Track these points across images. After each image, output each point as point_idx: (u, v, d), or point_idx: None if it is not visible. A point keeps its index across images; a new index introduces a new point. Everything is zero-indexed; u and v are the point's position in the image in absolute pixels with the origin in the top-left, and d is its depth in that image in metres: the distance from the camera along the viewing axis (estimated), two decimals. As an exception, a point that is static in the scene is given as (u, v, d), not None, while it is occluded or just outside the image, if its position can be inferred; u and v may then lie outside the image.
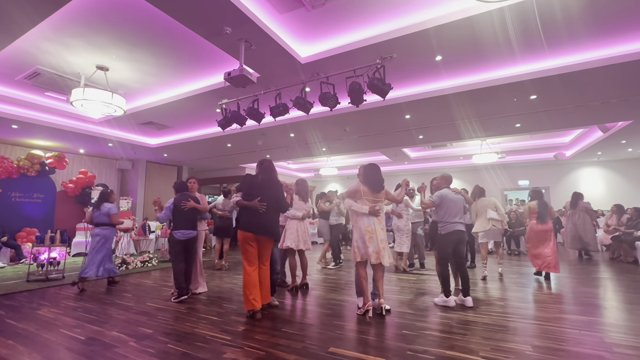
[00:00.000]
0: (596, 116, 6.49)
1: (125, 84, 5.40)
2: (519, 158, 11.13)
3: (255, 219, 3.31)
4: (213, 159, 10.54)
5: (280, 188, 3.54)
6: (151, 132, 7.91)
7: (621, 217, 7.48)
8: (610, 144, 8.76)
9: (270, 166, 3.56)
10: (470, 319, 3.18)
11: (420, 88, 5.33)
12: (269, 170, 3.54)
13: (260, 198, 3.32)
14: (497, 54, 4.28)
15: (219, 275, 5.49)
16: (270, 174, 3.53)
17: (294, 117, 6.23)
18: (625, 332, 2.82)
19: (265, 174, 3.51)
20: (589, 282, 4.84)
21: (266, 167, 3.55)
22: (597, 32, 3.79)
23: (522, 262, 6.72)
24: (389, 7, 3.53)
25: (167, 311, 3.50)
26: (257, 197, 3.32)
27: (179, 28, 3.69)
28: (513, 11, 3.32)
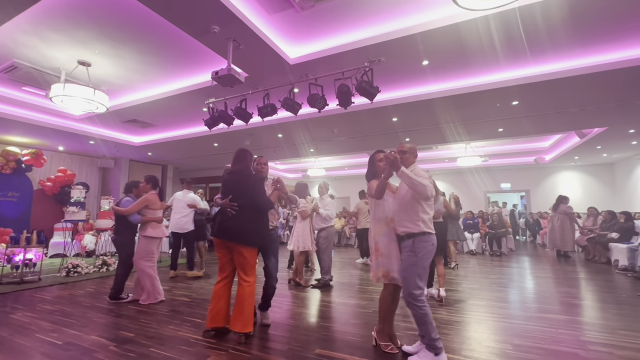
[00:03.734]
0: (574, 122, 6.76)
1: (108, 80, 5.25)
2: (501, 161, 11.44)
3: (222, 221, 2.79)
4: (199, 158, 10.37)
5: (256, 182, 2.85)
6: (135, 130, 7.72)
7: (596, 219, 7.80)
8: (586, 149, 9.12)
9: (240, 156, 2.94)
10: (453, 319, 3.25)
11: (407, 92, 5.41)
12: (238, 161, 2.93)
13: (231, 196, 2.79)
14: (482, 61, 4.39)
15: (204, 277, 5.40)
16: (240, 166, 2.90)
17: (282, 117, 6.20)
18: (599, 330, 2.94)
19: (234, 167, 2.93)
20: (566, 282, 5.02)
21: (235, 158, 2.95)
22: (576, 42, 3.95)
23: (503, 263, 6.91)
24: (377, 11, 3.57)
25: (150, 314, 3.42)
26: (230, 195, 2.80)
27: (165, 25, 3.62)
28: (497, 19, 3.42)
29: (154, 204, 3.95)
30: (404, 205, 2.39)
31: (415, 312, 2.26)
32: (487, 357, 2.40)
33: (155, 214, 3.95)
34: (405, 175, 2.22)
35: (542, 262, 7.08)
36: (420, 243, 2.29)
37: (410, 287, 2.26)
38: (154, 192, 4.01)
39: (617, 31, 3.71)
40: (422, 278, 2.29)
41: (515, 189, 12.84)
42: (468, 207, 10.73)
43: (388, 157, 2.26)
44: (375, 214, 2.59)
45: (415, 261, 2.28)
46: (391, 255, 2.46)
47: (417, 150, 2.61)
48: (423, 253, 2.28)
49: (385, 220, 2.53)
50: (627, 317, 3.30)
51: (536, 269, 6.15)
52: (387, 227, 2.52)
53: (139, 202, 3.89)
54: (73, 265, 5.43)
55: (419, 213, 2.32)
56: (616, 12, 3.35)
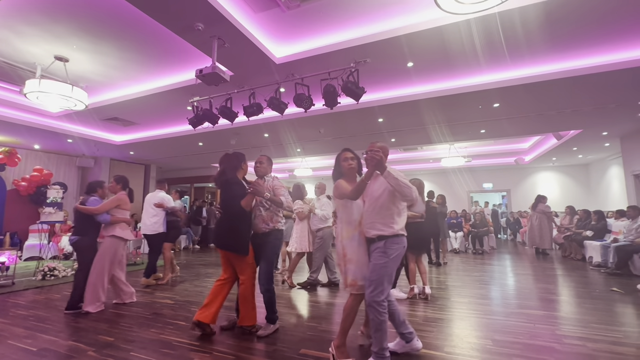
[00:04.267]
0: (551, 124, 7.01)
1: (87, 77, 5.08)
2: (483, 162, 11.75)
3: (215, 227, 2.91)
4: (183, 158, 10.18)
5: (229, 187, 2.86)
6: (116, 128, 7.50)
7: (572, 218, 8.12)
8: (563, 151, 9.48)
9: (223, 161, 2.98)
10: (436, 316, 3.31)
11: (392, 93, 5.47)
12: (221, 165, 2.97)
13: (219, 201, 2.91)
14: (465, 63, 4.49)
15: (189, 279, 5.30)
16: (219, 172, 2.95)
17: (268, 117, 6.16)
18: (574, 324, 3.06)
19: (218, 172, 2.98)
20: (544, 278, 5.20)
21: (219, 162, 3.00)
22: (552, 48, 4.09)
23: (485, 261, 7.09)
24: (362, 12, 3.60)
25: (131, 317, 3.33)
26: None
27: (147, 21, 3.53)
28: (478, 24, 3.50)
29: (126, 204, 3.82)
30: (377, 207, 2.24)
31: (374, 317, 2.13)
32: (469, 352, 2.46)
33: (125, 214, 3.81)
34: (392, 177, 2.09)
35: (522, 259, 7.31)
36: (393, 245, 2.18)
37: (377, 289, 2.14)
38: (124, 193, 3.88)
39: (591, 38, 3.87)
40: (389, 281, 2.19)
41: (497, 189, 13.21)
42: (452, 206, 10.96)
43: (374, 157, 2.08)
44: (343, 216, 2.40)
45: (385, 262, 2.16)
46: (359, 261, 2.30)
47: (388, 150, 2.46)
48: (395, 255, 2.18)
49: (354, 223, 2.36)
50: (600, 311, 3.45)
51: (516, 267, 6.35)
52: (356, 231, 2.34)
53: (112, 201, 3.72)
54: (49, 268, 5.23)
55: (393, 215, 2.21)
56: (590, 20, 3.50)
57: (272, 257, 2.94)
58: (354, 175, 2.48)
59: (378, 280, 2.14)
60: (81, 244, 3.62)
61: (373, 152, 2.11)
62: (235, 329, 2.93)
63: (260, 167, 3.09)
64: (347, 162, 2.45)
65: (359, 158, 2.52)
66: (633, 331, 2.90)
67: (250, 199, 2.81)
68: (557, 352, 2.45)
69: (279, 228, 3.00)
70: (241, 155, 3.07)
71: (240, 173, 2.99)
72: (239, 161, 3.00)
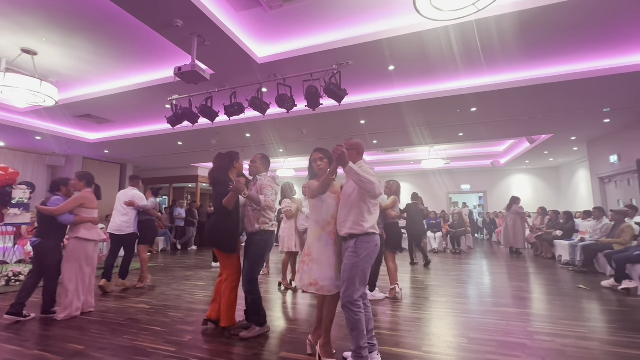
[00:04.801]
0: (525, 129, 7.33)
1: (58, 71, 4.83)
2: (461, 164, 12.11)
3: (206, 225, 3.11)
4: (162, 157, 9.88)
5: (219, 186, 2.91)
6: (90, 125, 7.18)
7: (544, 218, 8.50)
8: (535, 154, 9.92)
9: (214, 161, 3.06)
10: (415, 316, 3.37)
11: (374, 95, 5.54)
12: (213, 164, 3.08)
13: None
14: (444, 69, 4.61)
15: (167, 282, 5.15)
16: (212, 170, 3.06)
17: (250, 117, 6.08)
18: (544, 320, 3.20)
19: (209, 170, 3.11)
20: (518, 277, 5.42)
21: (212, 161, 3.11)
22: (526, 56, 4.27)
23: (462, 260, 7.30)
24: (344, 15, 3.62)
25: (103, 324, 3.19)
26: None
27: (123, 14, 3.39)
28: (456, 30, 3.61)
29: (90, 202, 3.57)
30: (348, 205, 2.24)
31: (349, 317, 2.12)
32: (445, 351, 2.51)
33: (90, 213, 3.57)
34: (353, 172, 2.08)
35: (497, 258, 7.58)
36: (363, 244, 2.17)
37: (349, 289, 2.13)
38: (89, 190, 3.64)
39: (561, 48, 4.07)
40: (363, 281, 2.17)
41: (474, 190, 13.65)
42: (431, 207, 11.22)
43: (335, 151, 2.09)
44: (312, 216, 2.41)
45: (356, 262, 2.14)
46: (323, 261, 2.27)
47: (362, 147, 2.44)
48: (365, 254, 2.16)
49: (322, 223, 2.35)
50: (568, 307, 3.62)
51: (492, 266, 6.57)
52: (323, 231, 2.33)
53: (73, 201, 3.48)
54: (14, 273, 4.93)
55: (364, 214, 2.20)
56: (561, 30, 3.67)
57: (256, 258, 2.89)
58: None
59: (350, 280, 2.14)
60: (41, 247, 3.39)
61: (336, 147, 2.12)
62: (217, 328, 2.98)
63: (252, 166, 3.09)
64: (315, 164, 2.45)
65: (331, 157, 2.47)
66: (597, 326, 3.07)
67: (231, 197, 2.80)
68: (528, 348, 2.55)
69: (267, 229, 2.93)
70: (234, 154, 3.10)
71: (232, 172, 3.04)
72: (231, 160, 3.06)
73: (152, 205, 5.06)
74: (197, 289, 4.71)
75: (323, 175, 2.37)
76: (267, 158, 3.14)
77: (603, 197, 8.09)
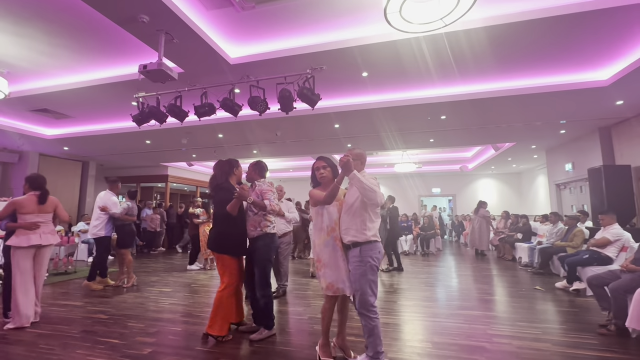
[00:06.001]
0: (490, 137, 7.70)
1: (9, 62, 4.44)
2: (432, 168, 12.53)
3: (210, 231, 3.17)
4: (129, 155, 9.40)
5: (222, 192, 3.02)
6: (46, 120, 6.67)
7: (507, 222, 8.97)
8: (500, 160, 10.47)
9: (215, 167, 3.19)
10: (384, 321, 3.41)
11: (348, 100, 5.59)
12: (214, 170, 3.20)
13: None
14: (417, 77, 4.72)
15: (129, 288, 4.89)
16: (213, 176, 3.18)
17: (222, 117, 5.92)
18: (503, 322, 3.36)
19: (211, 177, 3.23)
20: (481, 278, 5.67)
21: (213, 168, 3.23)
22: (494, 68, 4.47)
23: (431, 262, 7.53)
24: (317, 20, 3.61)
25: (54, 337, 2.96)
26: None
27: (83, 6, 3.18)
28: (428, 41, 3.71)
29: (23, 207, 3.38)
30: (351, 213, 2.33)
31: (366, 323, 2.23)
32: (410, 357, 2.57)
33: (24, 218, 3.37)
34: (357, 179, 2.19)
35: (464, 260, 7.90)
36: (368, 251, 2.27)
37: (364, 297, 2.22)
38: (32, 194, 3.46)
39: (525, 62, 4.30)
40: (374, 287, 2.26)
41: (444, 194, 14.17)
42: (403, 210, 11.50)
43: (342, 159, 2.22)
44: (316, 223, 2.49)
45: (364, 271, 2.24)
46: (335, 265, 2.36)
47: (365, 157, 2.55)
48: (371, 262, 2.26)
49: (326, 229, 2.43)
50: (524, 309, 3.83)
51: (459, 268, 6.83)
52: (329, 237, 2.42)
53: (5, 207, 3.37)
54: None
55: (366, 222, 2.29)
56: (523, 46, 3.88)
57: (264, 262, 2.98)
58: (330, 183, 2.46)
59: (361, 288, 2.23)
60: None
61: (343, 156, 2.26)
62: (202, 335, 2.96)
63: (247, 174, 3.27)
64: (318, 172, 2.51)
65: (333, 165, 2.58)
66: (550, 327, 3.26)
67: (235, 203, 2.90)
68: (487, 352, 2.66)
69: (269, 232, 3.03)
70: (234, 162, 3.23)
71: (232, 178, 3.17)
72: (230, 167, 3.18)
73: (126, 209, 5.02)
74: (162, 296, 4.51)
75: (326, 184, 2.46)
76: (261, 165, 3.26)
77: (559, 202, 8.67)
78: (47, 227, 3.48)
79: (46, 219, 3.49)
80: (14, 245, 3.28)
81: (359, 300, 2.25)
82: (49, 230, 3.49)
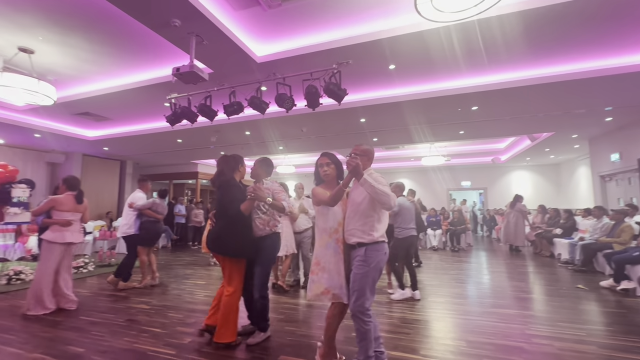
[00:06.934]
0: (526, 127, 7.28)
1: (56, 70, 4.79)
2: (462, 161, 12.07)
3: (209, 231, 2.96)
4: (161, 154, 9.86)
5: (234, 190, 2.80)
6: (88, 123, 7.15)
7: (544, 216, 8.49)
8: (536, 151, 9.88)
9: (220, 162, 2.94)
10: (414, 317, 3.39)
11: (375, 94, 5.50)
12: (218, 166, 2.94)
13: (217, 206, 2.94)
14: (445, 67, 4.56)
15: (166, 281, 5.17)
16: (220, 171, 2.90)
17: (249, 115, 6.04)
18: (543, 322, 3.21)
19: (216, 172, 2.95)
20: (516, 276, 5.43)
21: (217, 163, 2.98)
22: (529, 55, 4.22)
23: (462, 258, 7.32)
24: (344, 14, 3.57)
25: (103, 325, 3.21)
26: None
27: (120, 13, 3.35)
28: (458, 30, 3.56)
29: (61, 205, 3.67)
30: (358, 214, 2.18)
31: (359, 327, 2.09)
32: (443, 355, 2.53)
33: (62, 216, 3.66)
34: (368, 184, 2.03)
35: (497, 256, 7.60)
36: (373, 252, 2.13)
37: (360, 299, 2.08)
38: (69, 193, 3.77)
39: (565, 47, 4.02)
40: (373, 290, 2.14)
41: (475, 187, 13.63)
42: (431, 204, 11.23)
43: (349, 163, 2.04)
44: (319, 223, 2.34)
45: (366, 271, 2.10)
46: (332, 270, 2.21)
47: (373, 154, 2.38)
48: (375, 263, 2.12)
49: (329, 231, 2.28)
50: (566, 309, 3.64)
51: (491, 264, 6.59)
52: (330, 239, 2.27)
53: (44, 204, 3.70)
54: (15, 272, 4.95)
55: (374, 223, 2.15)
56: (565, 30, 3.62)
57: (269, 262, 2.87)
58: (333, 181, 2.39)
59: (360, 289, 2.10)
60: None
61: (350, 158, 2.07)
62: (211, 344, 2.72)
63: (253, 170, 3.02)
64: (322, 169, 2.37)
65: (338, 162, 2.44)
66: (595, 329, 3.08)
67: (250, 204, 2.73)
68: (526, 352, 2.56)
69: (276, 231, 2.92)
70: (239, 158, 2.99)
71: (237, 175, 2.94)
72: (236, 163, 2.95)
73: (150, 203, 4.89)
74: (197, 288, 4.74)
75: (330, 182, 2.35)
76: (268, 162, 3.05)
77: (603, 195, 8.08)
78: (77, 226, 3.80)
79: (77, 217, 3.82)
80: (50, 240, 3.58)
81: (355, 302, 2.09)
82: (77, 229, 3.81)
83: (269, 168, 3.04)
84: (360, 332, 2.10)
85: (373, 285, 2.15)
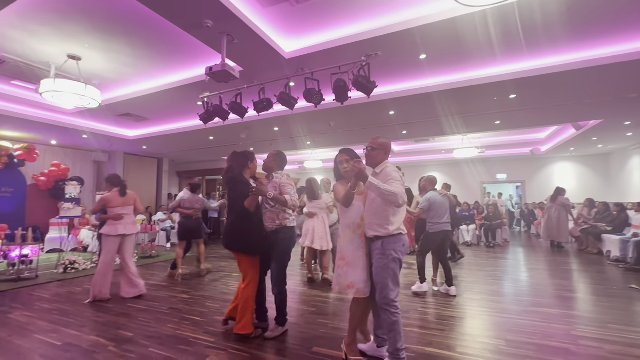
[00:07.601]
0: (570, 115, 6.75)
1: (100, 74, 5.14)
2: (497, 153, 11.46)
3: (225, 227, 3.00)
4: (195, 151, 10.28)
5: (240, 186, 2.80)
6: (128, 123, 7.61)
7: (591, 210, 7.88)
8: (582, 141, 9.15)
9: (230, 159, 2.97)
10: (448, 314, 3.30)
11: (404, 85, 5.35)
12: (228, 162, 2.97)
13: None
14: (479, 55, 4.33)
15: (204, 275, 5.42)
16: (228, 168, 2.93)
17: (278, 111, 6.12)
18: (589, 324, 3.01)
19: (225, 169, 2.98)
20: (559, 273, 5.11)
21: (227, 160, 3.00)
22: (573, 37, 3.90)
23: (497, 254, 7.00)
24: (373, 5, 3.49)
25: (149, 312, 3.44)
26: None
27: (157, 18, 3.52)
28: (495, 14, 3.36)
29: (110, 202, 4.00)
30: (374, 209, 2.25)
31: (387, 318, 2.14)
32: (482, 353, 2.45)
33: (113, 212, 3.99)
34: (374, 187, 2.07)
35: (536, 253, 7.18)
36: (390, 244, 2.18)
37: (385, 291, 2.14)
38: (115, 190, 4.08)
39: (613, 26, 3.67)
40: (395, 282, 2.18)
41: (511, 180, 12.92)
42: (464, 198, 10.80)
43: (354, 167, 2.13)
44: (342, 219, 2.44)
45: (385, 264, 2.16)
46: (357, 265, 2.30)
47: (390, 147, 2.43)
48: (393, 255, 2.17)
49: (352, 226, 2.36)
50: (618, 310, 3.38)
51: (530, 261, 6.24)
52: (354, 234, 2.35)
53: (96, 204, 4.15)
54: (70, 261, 5.43)
55: (389, 217, 2.20)
56: (613, 7, 3.30)
57: (283, 257, 2.84)
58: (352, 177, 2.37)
59: (383, 282, 2.17)
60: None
61: (354, 162, 2.15)
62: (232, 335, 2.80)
63: (266, 162, 3.00)
64: (342, 166, 2.47)
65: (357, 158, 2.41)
66: (652, 332, 2.83)
67: (253, 199, 2.72)
68: (572, 355, 2.42)
69: (288, 225, 2.87)
70: (249, 154, 2.99)
71: (247, 172, 2.94)
72: (246, 159, 2.94)
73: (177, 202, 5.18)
74: (231, 279, 4.93)
75: (350, 178, 2.38)
76: (282, 156, 3.05)
77: (661, 187, 7.34)
78: (129, 218, 4.09)
79: (129, 210, 4.10)
80: (105, 234, 3.93)
81: (380, 294, 2.17)
82: (131, 222, 4.11)
83: (282, 162, 3.04)
84: (388, 323, 2.14)
85: (395, 277, 2.19)
